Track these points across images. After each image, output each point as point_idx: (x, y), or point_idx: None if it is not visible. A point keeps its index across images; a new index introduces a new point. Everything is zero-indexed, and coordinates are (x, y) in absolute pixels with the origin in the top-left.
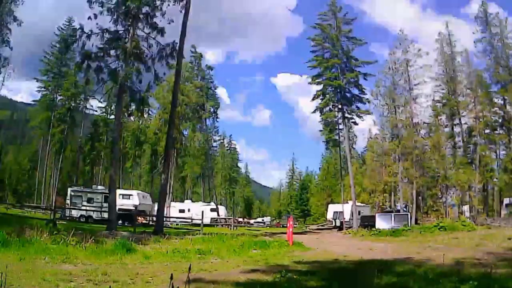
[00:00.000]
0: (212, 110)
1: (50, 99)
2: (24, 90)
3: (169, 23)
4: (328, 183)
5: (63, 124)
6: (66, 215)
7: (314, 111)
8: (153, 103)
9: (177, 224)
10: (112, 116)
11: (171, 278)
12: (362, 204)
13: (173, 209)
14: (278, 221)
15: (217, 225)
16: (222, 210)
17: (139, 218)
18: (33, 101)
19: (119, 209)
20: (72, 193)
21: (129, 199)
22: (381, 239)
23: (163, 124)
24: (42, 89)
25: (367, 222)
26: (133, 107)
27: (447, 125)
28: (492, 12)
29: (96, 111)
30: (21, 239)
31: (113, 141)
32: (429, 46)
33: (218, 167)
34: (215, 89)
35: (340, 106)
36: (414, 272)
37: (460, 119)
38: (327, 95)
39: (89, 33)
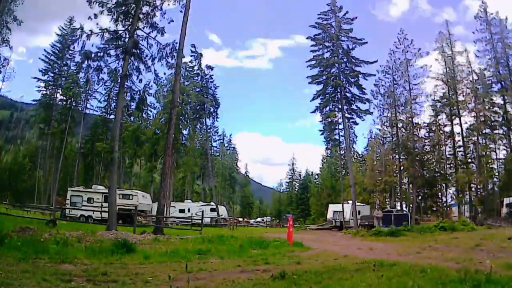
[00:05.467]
0: (212, 110)
1: (50, 98)
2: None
3: (169, 23)
4: (328, 183)
5: (63, 124)
6: (66, 215)
7: (314, 111)
8: (153, 103)
9: (177, 224)
10: (112, 116)
11: (169, 278)
12: (362, 204)
13: (173, 209)
14: (278, 221)
15: (217, 225)
16: (222, 210)
17: (139, 218)
18: (33, 100)
19: (119, 209)
20: (72, 193)
21: (129, 199)
22: (381, 239)
23: (163, 124)
24: (42, 88)
25: (367, 222)
26: (133, 107)
27: (447, 124)
28: (492, 11)
29: (96, 111)
30: (21, 239)
31: (112, 140)
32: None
33: (218, 167)
34: (215, 88)
35: (340, 106)
36: (414, 272)
37: (460, 119)
38: (327, 95)
39: (89, 33)
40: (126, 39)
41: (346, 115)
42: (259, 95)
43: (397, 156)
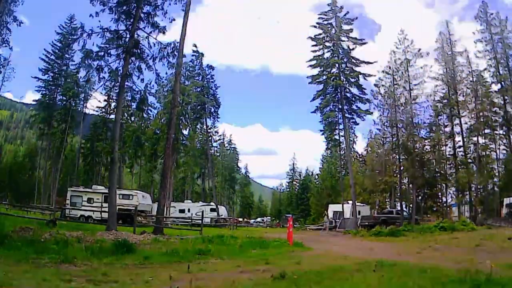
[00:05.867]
0: (212, 110)
1: (50, 98)
2: None
3: (170, 22)
4: (328, 183)
5: (63, 124)
6: (66, 215)
7: (315, 111)
8: (154, 103)
9: (177, 224)
10: (112, 116)
11: (170, 278)
12: (362, 204)
13: (173, 209)
14: (278, 221)
15: (217, 225)
16: (222, 210)
17: (139, 218)
18: (33, 100)
19: (119, 209)
20: (72, 193)
21: (129, 199)
22: (381, 239)
23: (164, 124)
24: (42, 88)
25: (367, 222)
26: (134, 107)
27: (447, 125)
28: (492, 12)
29: (96, 111)
30: (21, 239)
31: (112, 141)
32: None
33: (218, 167)
34: (216, 88)
35: (340, 106)
36: (414, 272)
37: (460, 119)
38: (328, 95)
39: (90, 32)
40: (127, 39)
41: (346, 115)
42: None
43: (397, 156)
